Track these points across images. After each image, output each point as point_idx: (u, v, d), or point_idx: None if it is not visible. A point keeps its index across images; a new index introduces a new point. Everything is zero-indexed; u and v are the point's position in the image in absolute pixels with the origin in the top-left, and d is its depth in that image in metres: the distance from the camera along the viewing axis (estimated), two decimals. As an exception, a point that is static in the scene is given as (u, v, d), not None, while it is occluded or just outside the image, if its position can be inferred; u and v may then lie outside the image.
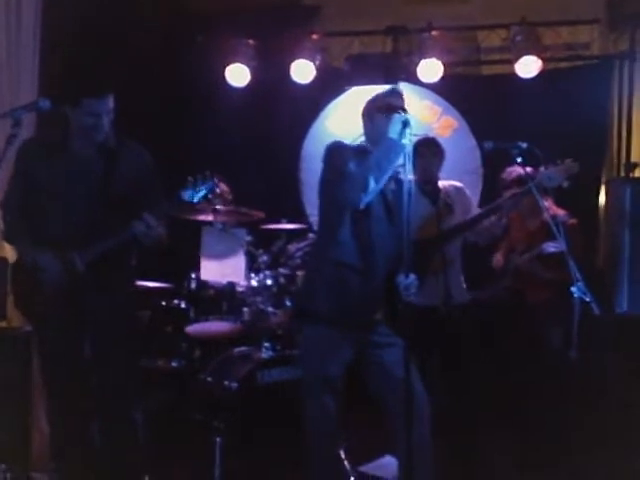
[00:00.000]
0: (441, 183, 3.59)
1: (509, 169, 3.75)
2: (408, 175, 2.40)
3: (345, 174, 2.56)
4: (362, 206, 2.56)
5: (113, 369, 2.80)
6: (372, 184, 2.50)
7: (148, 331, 3.89)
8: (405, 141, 2.44)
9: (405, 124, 2.45)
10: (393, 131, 2.47)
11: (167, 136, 4.70)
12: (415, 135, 2.48)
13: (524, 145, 2.91)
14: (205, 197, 2.76)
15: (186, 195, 2.73)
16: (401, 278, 2.51)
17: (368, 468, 3.30)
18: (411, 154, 2.41)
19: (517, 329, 3.91)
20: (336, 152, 2.66)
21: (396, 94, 2.67)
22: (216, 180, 2.76)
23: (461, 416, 3.47)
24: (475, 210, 3.67)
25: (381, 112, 2.61)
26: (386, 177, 2.55)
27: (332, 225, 2.66)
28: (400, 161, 2.46)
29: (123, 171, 2.79)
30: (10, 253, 3.29)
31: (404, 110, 2.52)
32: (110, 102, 2.72)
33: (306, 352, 2.70)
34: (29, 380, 3.29)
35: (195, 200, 2.74)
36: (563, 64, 4.95)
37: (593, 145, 4.78)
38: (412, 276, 2.48)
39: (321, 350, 2.62)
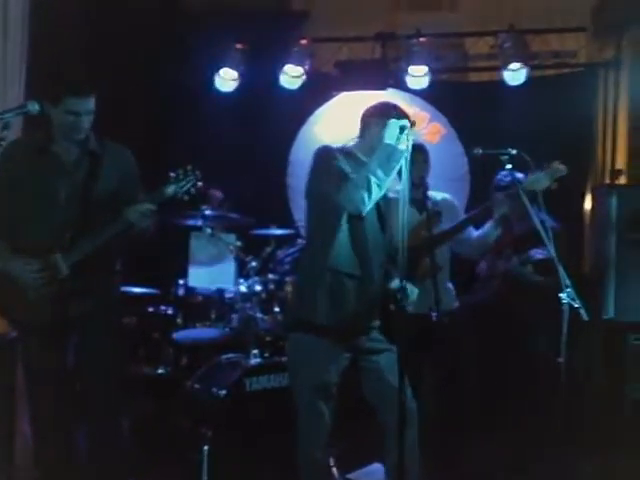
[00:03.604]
0: (430, 193, 3.59)
1: (503, 173, 3.75)
2: (404, 181, 2.41)
3: (346, 177, 2.53)
4: (365, 210, 2.54)
5: (98, 375, 2.77)
6: (376, 190, 2.49)
7: (134, 338, 3.86)
8: (402, 146, 2.45)
9: (402, 129, 2.45)
10: (390, 136, 2.47)
11: (153, 141, 4.67)
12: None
13: (513, 151, 2.91)
14: (188, 192, 2.74)
15: (169, 190, 2.71)
16: (395, 284, 2.49)
17: (356, 475, 3.29)
18: (409, 160, 2.41)
19: (504, 334, 3.92)
20: (329, 156, 2.62)
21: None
22: (198, 173, 2.75)
23: (449, 421, 3.47)
24: None
25: (379, 117, 2.62)
26: (388, 183, 2.53)
27: (327, 232, 2.60)
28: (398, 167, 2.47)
29: (106, 173, 2.78)
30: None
31: (404, 116, 2.52)
32: (91, 103, 2.70)
33: (303, 360, 2.64)
34: (13, 385, 3.25)
35: (179, 195, 2.73)
36: (550, 71, 5.00)
37: (579, 152, 4.81)
38: (410, 286, 2.48)
39: (319, 358, 2.59)
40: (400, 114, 2.60)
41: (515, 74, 4.68)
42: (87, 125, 2.73)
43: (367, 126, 2.69)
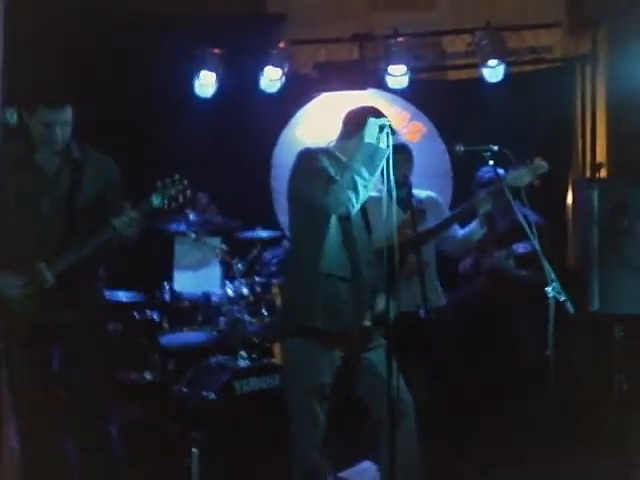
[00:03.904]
0: (415, 191, 3.61)
1: (484, 169, 3.78)
2: (390, 181, 2.42)
3: (330, 178, 2.52)
4: (354, 211, 2.54)
5: (85, 384, 2.76)
6: (362, 190, 2.49)
7: (121, 344, 3.83)
8: (383, 145, 2.45)
9: (381, 128, 2.46)
10: (370, 135, 2.48)
11: (136, 149, 4.65)
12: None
13: (495, 147, 2.93)
14: (176, 200, 2.73)
15: (156, 200, 2.71)
16: (380, 303, 2.54)
17: (348, 474, 3.29)
18: (392, 159, 2.42)
19: (491, 330, 3.94)
20: (311, 158, 2.62)
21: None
22: (185, 183, 2.75)
23: (438, 419, 3.48)
24: None
25: (357, 117, 2.63)
26: (373, 183, 2.54)
27: (316, 235, 2.59)
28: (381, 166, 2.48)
29: (89, 181, 2.78)
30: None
31: (382, 115, 2.54)
32: (66, 114, 2.68)
33: (300, 364, 2.61)
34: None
35: (166, 205, 2.72)
36: (527, 67, 5.04)
37: (559, 146, 4.86)
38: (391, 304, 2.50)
39: (316, 361, 2.58)
40: (378, 114, 2.61)
41: (493, 71, 4.72)
42: (63, 135, 2.71)
43: (346, 127, 2.70)
